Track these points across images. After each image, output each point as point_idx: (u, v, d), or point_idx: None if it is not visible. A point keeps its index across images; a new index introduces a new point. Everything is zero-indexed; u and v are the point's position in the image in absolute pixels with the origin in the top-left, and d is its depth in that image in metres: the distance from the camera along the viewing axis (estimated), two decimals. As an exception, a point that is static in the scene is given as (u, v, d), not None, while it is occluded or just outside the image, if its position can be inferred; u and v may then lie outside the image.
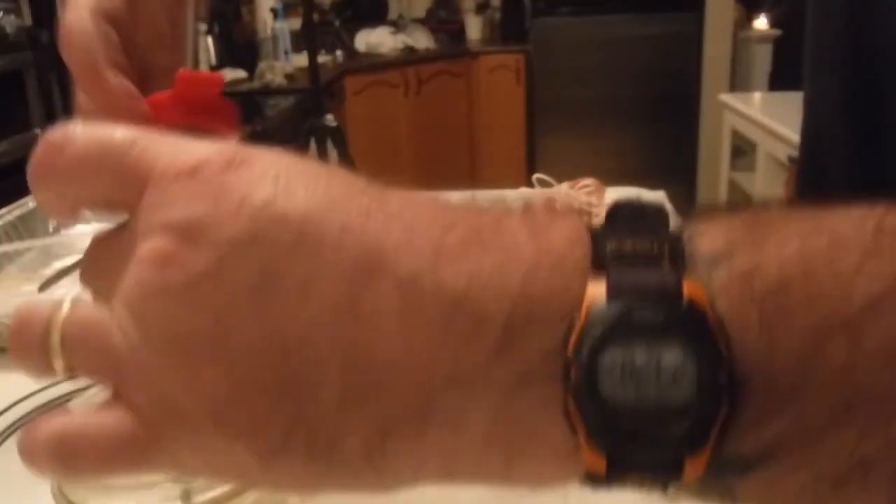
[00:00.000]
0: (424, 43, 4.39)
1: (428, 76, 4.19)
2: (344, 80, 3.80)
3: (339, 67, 3.91)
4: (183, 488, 0.37)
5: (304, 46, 2.93)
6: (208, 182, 0.23)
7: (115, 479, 0.37)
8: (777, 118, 2.46)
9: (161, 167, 0.24)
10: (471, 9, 4.64)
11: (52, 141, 0.27)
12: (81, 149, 0.26)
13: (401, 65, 4.13)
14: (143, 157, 0.25)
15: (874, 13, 0.56)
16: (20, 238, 0.96)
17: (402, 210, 0.24)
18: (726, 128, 3.11)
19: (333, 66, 3.87)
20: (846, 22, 0.60)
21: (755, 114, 2.72)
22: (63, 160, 0.26)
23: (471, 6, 4.65)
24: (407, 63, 4.15)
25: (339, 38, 4.19)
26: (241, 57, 3.49)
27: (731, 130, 3.07)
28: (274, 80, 3.31)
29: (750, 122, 2.77)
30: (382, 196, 0.25)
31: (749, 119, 2.77)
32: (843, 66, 0.61)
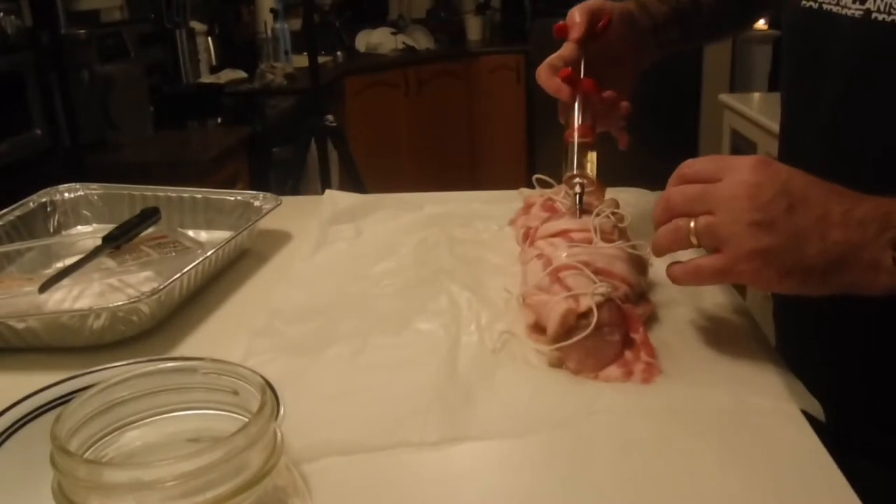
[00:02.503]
0: (424, 43, 4.39)
1: (428, 76, 4.19)
2: (344, 81, 3.80)
3: (340, 68, 3.91)
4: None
5: (304, 47, 2.93)
6: (764, 165, 0.59)
7: (114, 479, 0.37)
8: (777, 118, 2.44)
9: (740, 163, 0.60)
10: (471, 9, 4.64)
11: None
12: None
13: (401, 65, 4.13)
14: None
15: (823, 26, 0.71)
16: (20, 238, 0.96)
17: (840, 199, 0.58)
18: (726, 128, 3.10)
19: (333, 67, 3.86)
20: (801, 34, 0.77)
21: (755, 114, 2.72)
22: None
23: (471, 7, 4.65)
24: (407, 63, 4.15)
25: (339, 38, 4.19)
26: (242, 57, 3.49)
27: (731, 130, 3.06)
28: (274, 80, 3.31)
29: (750, 122, 2.76)
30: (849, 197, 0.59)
31: (749, 119, 2.77)
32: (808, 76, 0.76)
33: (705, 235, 0.59)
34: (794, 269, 0.57)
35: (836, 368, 0.76)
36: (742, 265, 0.58)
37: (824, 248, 0.56)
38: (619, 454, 0.56)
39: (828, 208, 0.57)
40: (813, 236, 0.56)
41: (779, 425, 0.58)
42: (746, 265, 0.58)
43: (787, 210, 0.57)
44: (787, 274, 0.57)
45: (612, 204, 0.85)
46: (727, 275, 0.59)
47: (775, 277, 0.58)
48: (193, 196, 1.03)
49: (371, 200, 1.07)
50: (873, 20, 0.65)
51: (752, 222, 0.57)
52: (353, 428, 0.59)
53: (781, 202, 0.57)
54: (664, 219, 0.62)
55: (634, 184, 1.09)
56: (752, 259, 0.57)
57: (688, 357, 0.67)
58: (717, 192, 0.59)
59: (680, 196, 0.61)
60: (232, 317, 0.80)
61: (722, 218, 0.58)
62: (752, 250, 0.57)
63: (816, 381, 0.64)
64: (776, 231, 0.56)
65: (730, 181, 0.58)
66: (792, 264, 0.57)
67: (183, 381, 0.45)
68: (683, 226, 0.60)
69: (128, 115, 2.38)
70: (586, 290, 0.67)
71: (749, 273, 0.58)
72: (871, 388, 0.74)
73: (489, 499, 0.54)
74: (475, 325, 0.73)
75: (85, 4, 2.39)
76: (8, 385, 0.62)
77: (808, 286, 0.58)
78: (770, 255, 0.57)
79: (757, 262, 0.57)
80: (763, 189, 0.57)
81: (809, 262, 0.57)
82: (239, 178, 2.46)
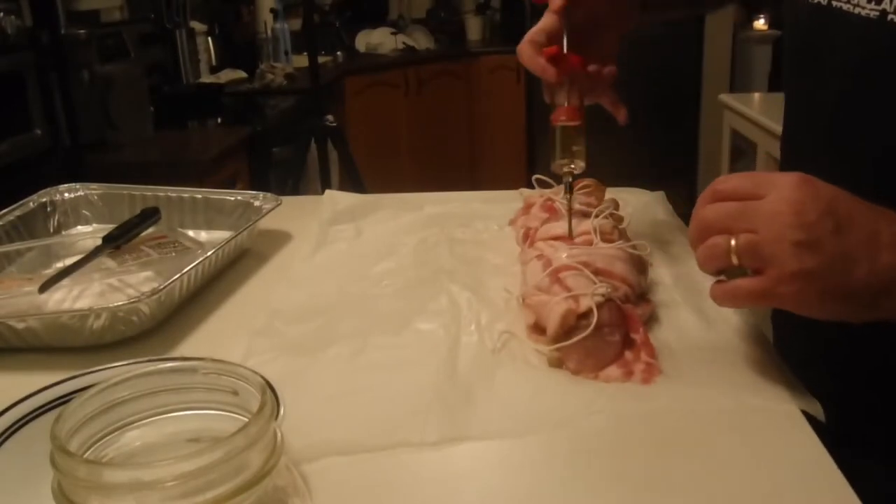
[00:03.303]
0: (424, 43, 4.39)
1: (428, 77, 4.19)
2: (344, 81, 3.80)
3: (340, 68, 3.91)
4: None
5: (304, 47, 2.93)
6: (807, 183, 0.56)
7: (114, 479, 0.37)
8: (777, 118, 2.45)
9: (782, 180, 0.56)
10: (471, 9, 4.64)
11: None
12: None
13: (401, 65, 4.13)
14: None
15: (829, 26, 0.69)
16: (20, 238, 0.96)
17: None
18: (726, 128, 3.10)
19: (333, 67, 3.86)
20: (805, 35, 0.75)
21: (755, 114, 2.73)
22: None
23: (471, 7, 4.65)
24: (407, 63, 4.15)
25: (339, 38, 4.19)
26: (242, 57, 3.49)
27: (730, 130, 3.06)
28: (274, 80, 3.31)
29: (750, 122, 2.77)
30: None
31: (749, 119, 2.77)
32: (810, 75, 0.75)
33: (746, 254, 0.56)
34: (839, 294, 0.55)
35: (835, 367, 0.76)
36: (784, 287, 0.55)
37: (873, 271, 0.54)
38: (619, 454, 0.56)
39: (877, 229, 0.54)
40: (861, 258, 0.54)
41: (779, 425, 0.58)
42: (788, 287, 0.54)
43: (833, 230, 0.54)
44: (831, 298, 0.55)
45: (612, 204, 0.85)
46: (767, 297, 0.56)
47: (817, 301, 0.55)
48: (193, 196, 1.03)
49: (371, 200, 1.07)
50: (889, 21, 0.63)
51: (797, 242, 0.54)
52: (353, 428, 0.59)
53: (828, 222, 0.54)
54: (702, 238, 0.59)
55: (634, 184, 1.09)
56: (795, 281, 0.54)
57: (688, 357, 0.67)
58: (758, 209, 0.56)
59: (717, 213, 0.58)
60: (232, 317, 0.80)
61: (764, 236, 0.55)
62: (796, 272, 0.54)
63: (814, 380, 0.64)
64: (822, 252, 0.53)
65: (773, 198, 0.55)
66: (837, 288, 0.54)
67: (183, 381, 0.45)
68: (723, 243, 0.57)
69: (128, 115, 2.38)
70: (586, 290, 0.67)
71: (790, 296, 0.55)
72: (869, 387, 0.74)
73: (489, 499, 0.54)
74: (475, 325, 0.73)
75: (85, 4, 2.39)
76: (8, 385, 0.62)
77: (851, 311, 0.56)
78: (814, 277, 0.54)
79: (799, 283, 0.54)
80: (808, 207, 0.54)
81: (856, 285, 0.54)
82: (239, 178, 2.46)
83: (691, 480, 0.53)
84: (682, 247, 0.91)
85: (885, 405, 0.73)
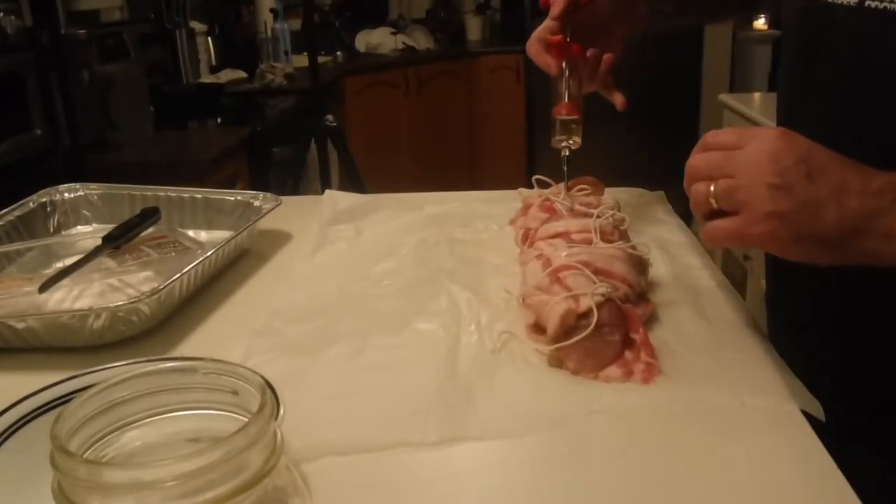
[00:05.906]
0: (424, 43, 4.39)
1: (428, 77, 4.18)
2: (344, 81, 3.79)
3: (339, 68, 3.90)
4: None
5: (304, 47, 2.93)
6: (786, 135, 0.60)
7: (114, 479, 0.37)
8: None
9: (764, 133, 0.61)
10: (471, 9, 4.64)
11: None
12: None
13: (401, 65, 4.12)
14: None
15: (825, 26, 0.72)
16: (20, 238, 0.96)
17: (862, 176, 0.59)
18: (726, 128, 3.10)
19: (333, 67, 3.86)
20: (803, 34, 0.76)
21: (755, 114, 2.73)
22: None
23: (471, 7, 4.64)
24: (407, 63, 4.14)
25: (339, 38, 4.18)
26: (242, 57, 3.49)
27: (731, 131, 3.06)
28: (274, 80, 3.30)
29: (750, 122, 2.77)
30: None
31: (749, 119, 2.77)
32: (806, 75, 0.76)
33: (724, 198, 0.60)
34: (809, 236, 0.58)
35: (830, 355, 0.76)
36: (757, 227, 0.59)
37: (840, 216, 0.57)
38: (619, 454, 0.56)
39: (846, 178, 0.58)
40: (830, 204, 0.57)
41: (779, 425, 0.59)
42: (761, 227, 0.58)
43: (806, 177, 0.58)
44: (801, 239, 0.58)
45: (613, 205, 0.85)
46: (742, 237, 0.60)
47: (788, 242, 0.59)
48: (193, 196, 1.03)
49: (371, 200, 1.07)
50: (866, 7, 0.66)
51: (771, 185, 0.58)
52: (352, 428, 0.59)
53: (801, 169, 0.58)
54: (689, 185, 0.64)
55: (634, 184, 1.09)
56: (768, 221, 0.58)
57: (688, 357, 0.67)
58: (737, 157, 0.60)
59: (702, 161, 0.63)
60: (232, 317, 0.80)
61: (741, 181, 0.59)
62: (769, 213, 0.58)
63: (809, 368, 0.64)
64: (794, 195, 0.57)
65: (752, 148, 0.60)
66: (807, 230, 0.58)
67: (183, 381, 0.45)
68: (703, 189, 0.61)
69: (128, 115, 2.38)
70: (586, 290, 0.67)
71: (763, 235, 0.59)
72: (865, 375, 0.74)
73: (489, 499, 0.54)
74: (475, 325, 0.73)
75: (85, 4, 2.39)
76: (8, 385, 0.62)
77: (820, 254, 0.59)
78: (785, 218, 0.58)
79: (772, 223, 0.58)
80: (784, 155, 0.58)
81: (825, 229, 0.58)
82: (239, 178, 2.45)
83: (691, 480, 0.53)
84: (682, 247, 0.91)
85: (883, 399, 0.73)
